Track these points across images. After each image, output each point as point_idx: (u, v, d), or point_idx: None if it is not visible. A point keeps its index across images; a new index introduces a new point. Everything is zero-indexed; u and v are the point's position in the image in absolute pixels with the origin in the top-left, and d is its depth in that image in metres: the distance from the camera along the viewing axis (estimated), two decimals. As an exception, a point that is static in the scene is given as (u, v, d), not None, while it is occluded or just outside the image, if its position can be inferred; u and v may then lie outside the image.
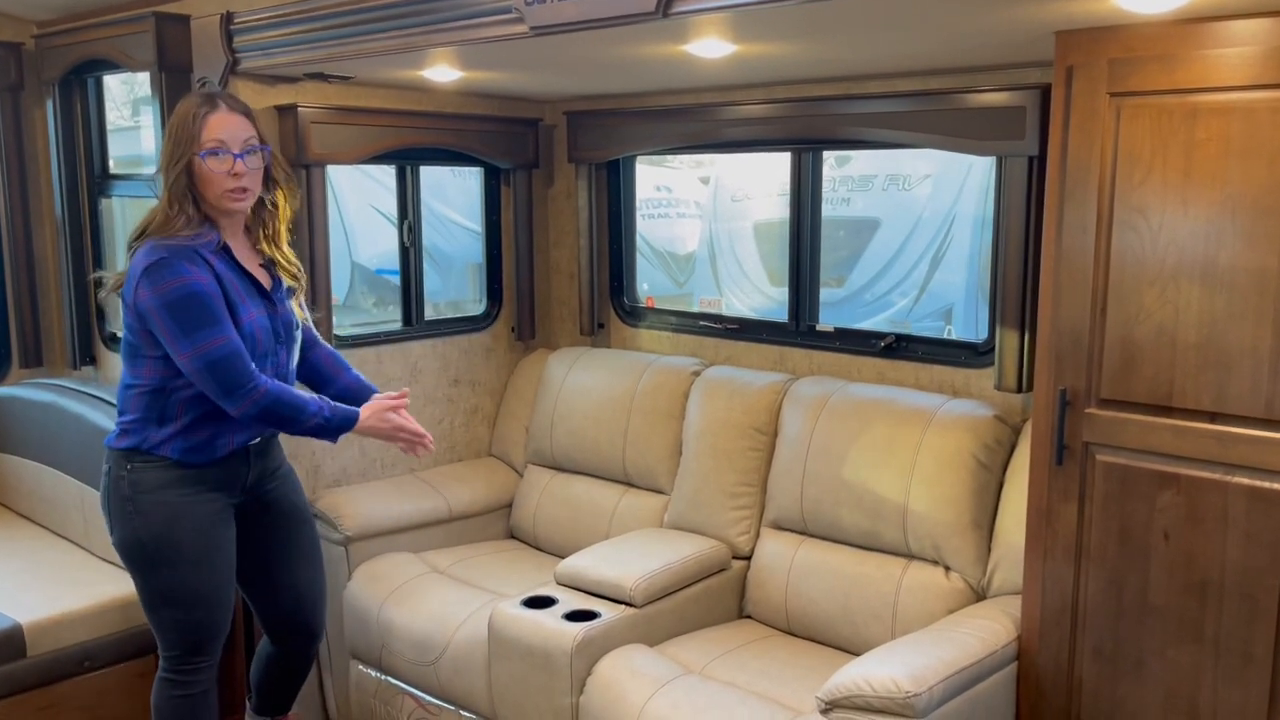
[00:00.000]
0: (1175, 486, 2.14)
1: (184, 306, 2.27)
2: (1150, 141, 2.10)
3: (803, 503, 2.94)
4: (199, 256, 2.34)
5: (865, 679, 2.16)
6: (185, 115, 2.36)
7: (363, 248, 5.91)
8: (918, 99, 2.84)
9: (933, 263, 5.69)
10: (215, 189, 2.36)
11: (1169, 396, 2.14)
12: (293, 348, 2.56)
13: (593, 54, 2.70)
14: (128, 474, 2.42)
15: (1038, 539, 2.36)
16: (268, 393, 2.34)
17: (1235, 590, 2.09)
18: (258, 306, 2.45)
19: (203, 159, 2.33)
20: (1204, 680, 2.16)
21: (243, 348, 2.32)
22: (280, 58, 2.89)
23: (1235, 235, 2.02)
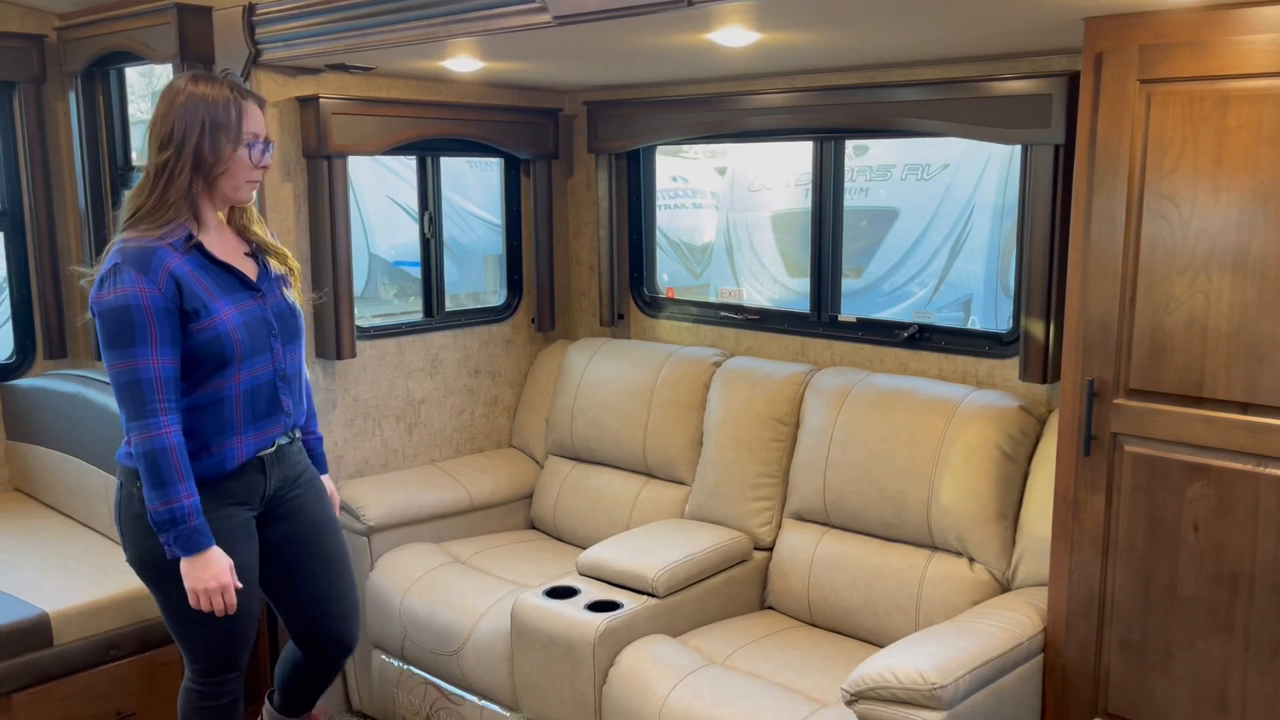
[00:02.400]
0: (1205, 478, 2.12)
1: (115, 319, 2.12)
2: (1181, 129, 2.08)
3: (825, 494, 2.93)
4: (161, 258, 2.17)
5: (891, 670, 2.15)
6: (219, 103, 2.21)
7: (381, 240, 5.93)
8: (942, 87, 2.82)
9: (952, 252, 5.65)
10: (238, 179, 2.27)
11: (1199, 387, 2.12)
12: (293, 340, 2.41)
13: (615, 44, 2.68)
14: (139, 491, 2.25)
15: (1065, 530, 2.34)
16: (162, 439, 2.14)
17: (1266, 582, 2.07)
18: (241, 299, 2.29)
19: (250, 150, 2.24)
20: (1234, 672, 2.14)
21: (163, 377, 2.14)
22: (302, 49, 2.89)
23: (1267, 223, 2.00)
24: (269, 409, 2.35)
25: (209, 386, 2.25)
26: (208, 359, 2.22)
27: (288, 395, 2.40)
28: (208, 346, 2.21)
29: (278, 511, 2.46)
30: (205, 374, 2.24)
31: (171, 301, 2.16)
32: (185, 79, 2.26)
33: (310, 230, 3.24)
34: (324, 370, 3.35)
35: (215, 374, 2.25)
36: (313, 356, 3.31)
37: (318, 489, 2.57)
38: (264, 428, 2.35)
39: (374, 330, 3.53)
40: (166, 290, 2.15)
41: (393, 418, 3.56)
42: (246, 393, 2.29)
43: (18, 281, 3.89)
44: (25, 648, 2.89)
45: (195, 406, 2.25)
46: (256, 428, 2.33)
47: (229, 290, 2.28)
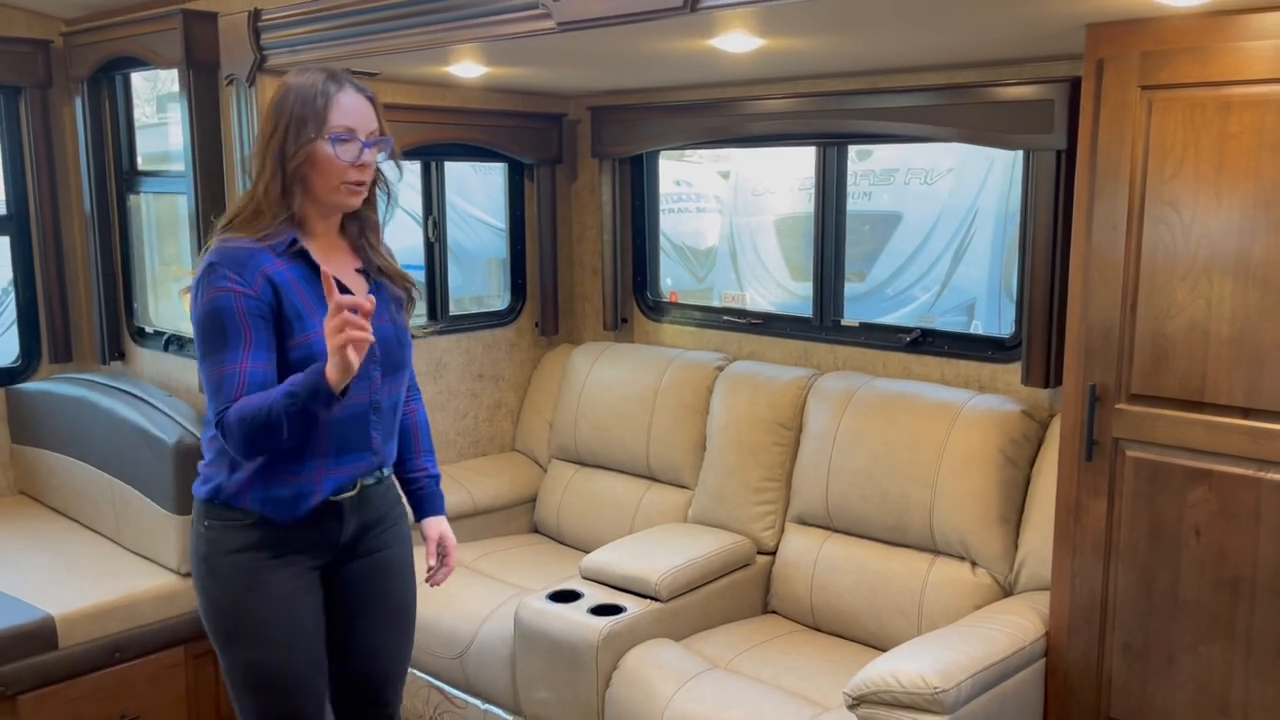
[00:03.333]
0: (1207, 483, 2.13)
1: (206, 324, 1.92)
2: (1182, 135, 2.09)
3: (828, 498, 2.94)
4: (259, 261, 1.94)
5: (893, 674, 2.16)
6: (306, 92, 1.96)
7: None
8: (944, 93, 2.83)
9: (955, 257, 5.66)
10: (331, 180, 1.97)
11: (1201, 392, 2.12)
12: (395, 371, 2.08)
13: (619, 49, 2.70)
14: (205, 530, 2.04)
15: (1067, 535, 2.34)
16: (230, 417, 1.88)
17: (1268, 587, 2.08)
18: None
19: (332, 144, 1.95)
20: (1235, 676, 2.14)
21: (249, 380, 1.89)
22: (307, 54, 2.90)
23: (1269, 229, 2.01)
24: (357, 443, 2.04)
25: None
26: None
27: (379, 430, 2.07)
28: (298, 367, 1.91)
29: (350, 554, 2.14)
30: None
31: (268, 306, 1.92)
32: (290, 75, 2.04)
33: (315, 235, 3.24)
34: (328, 374, 3.36)
35: None
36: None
37: (401, 535, 2.23)
38: (347, 463, 2.04)
39: (378, 334, 3.53)
40: (263, 293, 1.92)
41: (396, 421, 3.56)
42: (337, 422, 1.98)
43: (23, 285, 3.91)
44: (30, 650, 2.90)
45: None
46: (339, 462, 2.03)
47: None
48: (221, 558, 2.03)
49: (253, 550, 2.02)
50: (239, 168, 3.21)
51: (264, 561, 2.02)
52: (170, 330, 3.75)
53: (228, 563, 2.03)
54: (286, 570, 2.04)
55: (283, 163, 1.96)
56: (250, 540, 2.02)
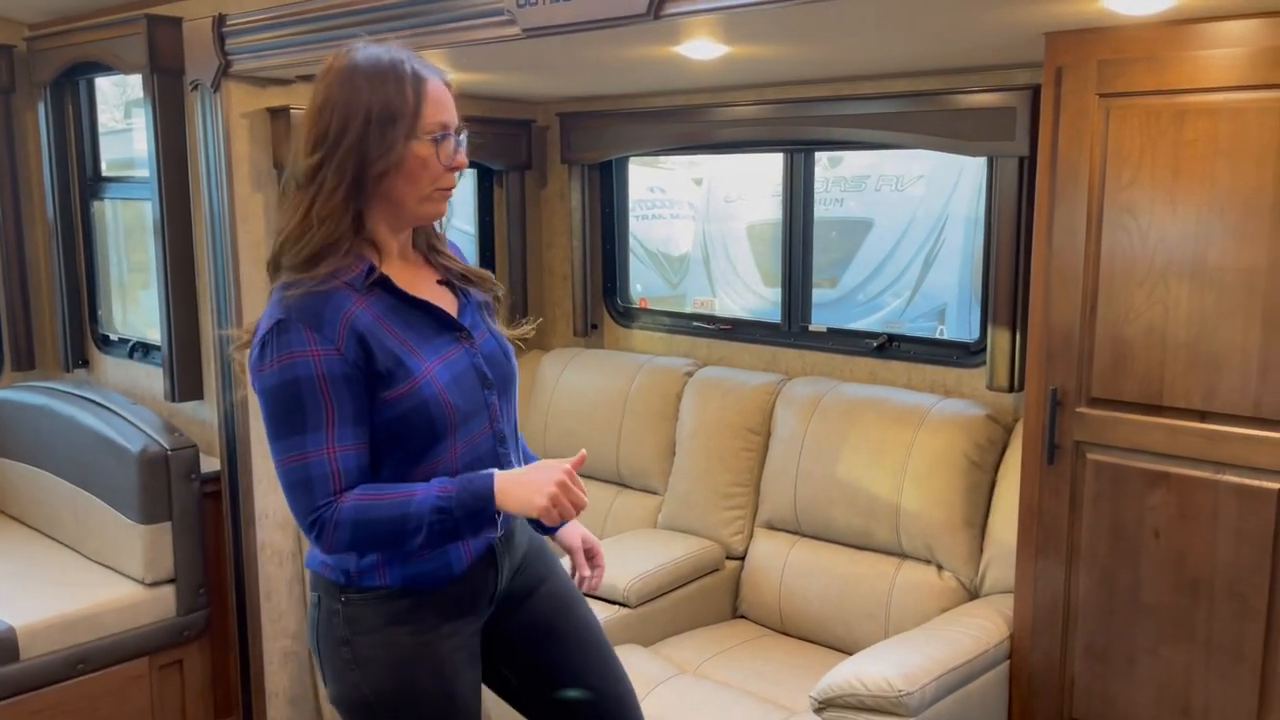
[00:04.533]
0: (1166, 485, 2.15)
1: (281, 398, 1.58)
2: (1139, 142, 2.12)
3: (796, 502, 2.95)
4: (338, 305, 1.60)
5: (858, 678, 2.17)
6: (388, 82, 1.62)
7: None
8: (909, 100, 2.85)
9: (926, 263, 5.70)
10: (423, 187, 1.65)
11: (1159, 395, 2.15)
12: (507, 389, 1.79)
13: (585, 56, 2.70)
14: (342, 609, 1.70)
15: (1029, 538, 2.36)
16: (343, 514, 1.58)
17: (1225, 588, 2.10)
18: (445, 347, 1.70)
19: (434, 144, 1.63)
20: (1195, 678, 2.17)
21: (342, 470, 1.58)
22: (273, 60, 2.89)
23: (1224, 234, 2.04)
24: None
25: (420, 469, 1.66)
26: (412, 433, 1.64)
27: (508, 461, 1.77)
28: (411, 419, 1.63)
29: (513, 599, 1.85)
30: (411, 453, 1.66)
31: (354, 366, 1.59)
32: (345, 55, 1.66)
33: (281, 241, 3.23)
34: (295, 381, 3.34)
35: (425, 452, 1.66)
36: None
37: (546, 557, 1.94)
38: None
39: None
40: (348, 350, 1.58)
41: (365, 429, 3.54)
42: (466, 468, 1.68)
43: (-14, 292, 3.87)
44: (-9, 662, 2.86)
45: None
46: None
47: (428, 337, 1.68)
48: (366, 637, 1.69)
49: (404, 623, 1.69)
50: (204, 174, 3.18)
51: (418, 636, 1.70)
52: (135, 337, 3.72)
53: (374, 641, 1.69)
54: (449, 642, 1.72)
55: (361, 173, 1.60)
56: (398, 611, 1.69)
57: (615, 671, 1.95)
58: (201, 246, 3.31)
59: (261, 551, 3.31)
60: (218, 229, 3.16)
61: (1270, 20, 1.93)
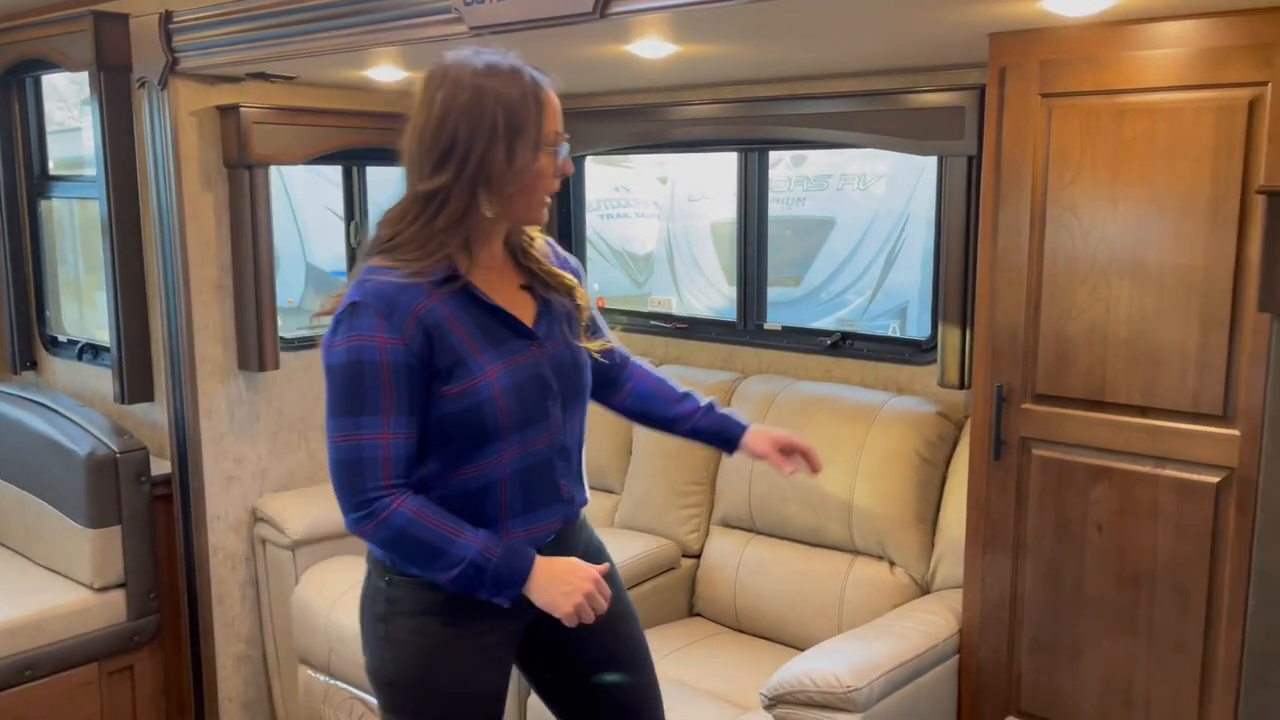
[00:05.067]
0: (1108, 480, 2.18)
1: (344, 376, 1.61)
2: (1080, 141, 2.14)
3: (751, 500, 2.96)
4: (411, 298, 1.62)
5: (808, 674, 2.18)
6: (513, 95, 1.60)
7: (319, 250, 5.87)
8: (861, 99, 2.87)
9: (887, 262, 5.75)
10: (538, 195, 1.67)
11: (1101, 391, 2.17)
12: (575, 402, 1.79)
13: (534, 54, 2.68)
14: (385, 588, 1.75)
15: (977, 533, 2.39)
16: (396, 515, 1.60)
17: (1166, 580, 2.13)
18: (513, 351, 1.70)
19: (558, 155, 1.66)
20: (1138, 669, 2.20)
21: (392, 456, 1.61)
22: (220, 57, 2.86)
23: (1162, 233, 2.06)
24: (545, 496, 1.75)
25: (467, 470, 1.68)
26: (463, 432, 1.66)
27: (567, 477, 1.79)
28: (463, 418, 1.64)
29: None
30: (459, 453, 1.67)
31: (417, 358, 1.61)
32: (463, 64, 1.63)
33: (232, 241, 3.20)
34: (247, 383, 3.31)
35: (473, 453, 1.67)
36: (235, 369, 3.26)
37: (611, 572, 1.89)
38: (537, 521, 1.75)
39: (299, 341, 3.49)
40: (413, 342, 1.61)
41: (318, 430, 3.51)
42: (516, 475, 1.70)
43: (-70, 294, 3.80)
44: (-66, 670, 2.82)
45: (447, 497, 1.67)
46: (527, 522, 1.73)
47: (497, 341, 1.69)
48: (402, 619, 1.73)
49: (439, 613, 1.71)
50: (152, 173, 3.15)
51: (450, 628, 1.72)
52: (84, 338, 3.66)
53: (408, 626, 1.73)
54: (474, 639, 1.74)
55: (487, 187, 1.60)
56: (435, 601, 1.70)
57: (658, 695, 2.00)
58: (151, 246, 3.27)
59: (214, 555, 3.28)
60: (167, 228, 3.13)
61: (1206, 21, 1.96)
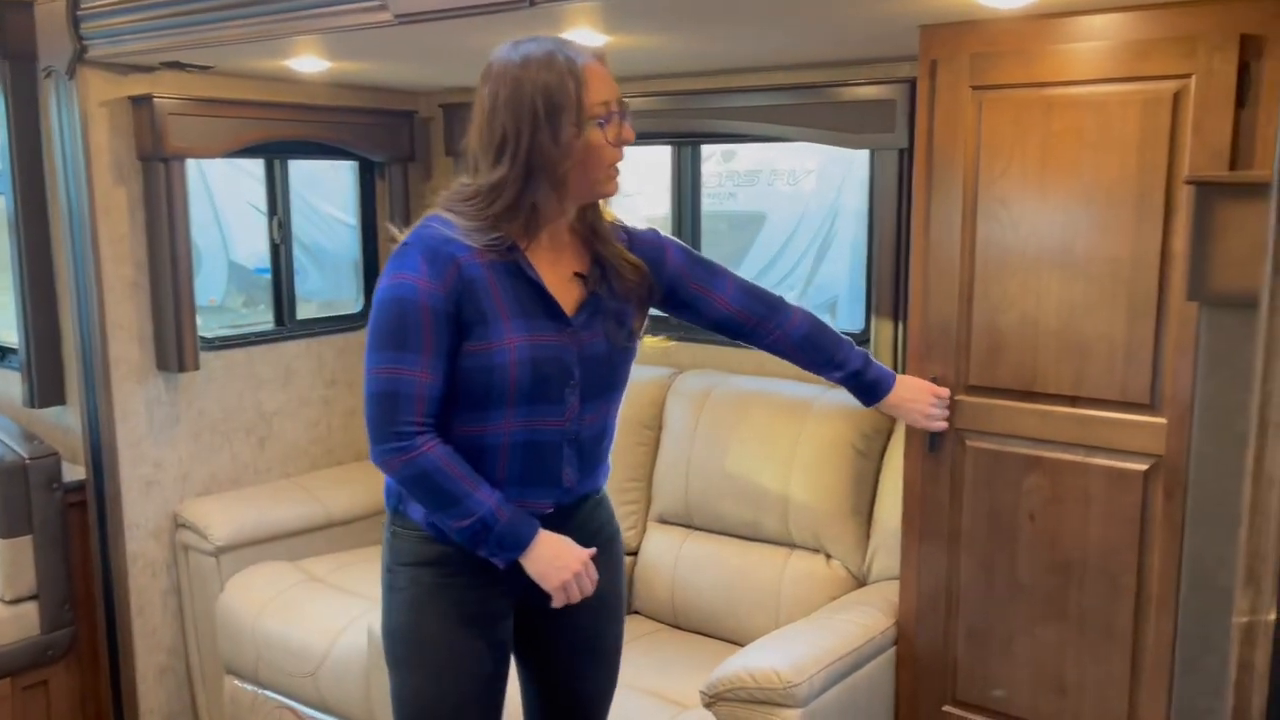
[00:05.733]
0: (1040, 469, 2.20)
1: (388, 312, 1.66)
2: (1010, 134, 2.15)
3: (688, 495, 2.94)
4: (455, 250, 1.67)
5: (747, 671, 2.16)
6: (549, 75, 1.63)
7: (242, 247, 5.71)
8: (794, 92, 2.86)
9: (818, 256, 5.79)
10: (598, 170, 1.69)
11: (1032, 382, 2.19)
12: (600, 396, 1.80)
13: (462, 43, 2.63)
14: (391, 539, 1.83)
15: (913, 524, 2.40)
16: (425, 457, 1.65)
17: (1096, 568, 2.16)
18: (541, 329, 1.71)
19: (601, 128, 1.66)
20: (1069, 656, 2.22)
21: (427, 396, 1.65)
22: (131, 45, 2.75)
23: (1090, 225, 2.09)
24: (543, 476, 1.77)
25: (468, 429, 1.71)
26: (473, 391, 1.69)
27: (574, 464, 1.80)
28: (473, 376, 1.68)
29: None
30: (464, 410, 1.71)
31: (455, 304, 1.66)
32: (503, 60, 1.68)
33: (147, 238, 3.08)
34: (166, 384, 3.19)
35: (479, 413, 1.70)
36: (153, 370, 3.15)
37: (613, 559, 1.94)
38: (530, 497, 1.77)
39: (220, 341, 3.38)
40: (452, 290, 1.65)
41: (242, 431, 3.41)
42: (519, 447, 1.73)
43: None
44: None
45: (461, 441, 1.72)
46: (520, 494, 1.75)
47: (528, 314, 1.71)
48: (402, 568, 1.81)
49: (431, 566, 1.78)
50: (60, 167, 3.01)
51: (444, 579, 1.77)
52: (-8, 340, 3.50)
53: (405, 575, 1.80)
54: (470, 594, 1.78)
55: (538, 170, 1.64)
56: (429, 554, 1.78)
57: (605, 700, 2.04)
58: (60, 243, 3.13)
59: (133, 563, 3.16)
60: (77, 224, 3.00)
61: (1132, 14, 1.98)
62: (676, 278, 1.93)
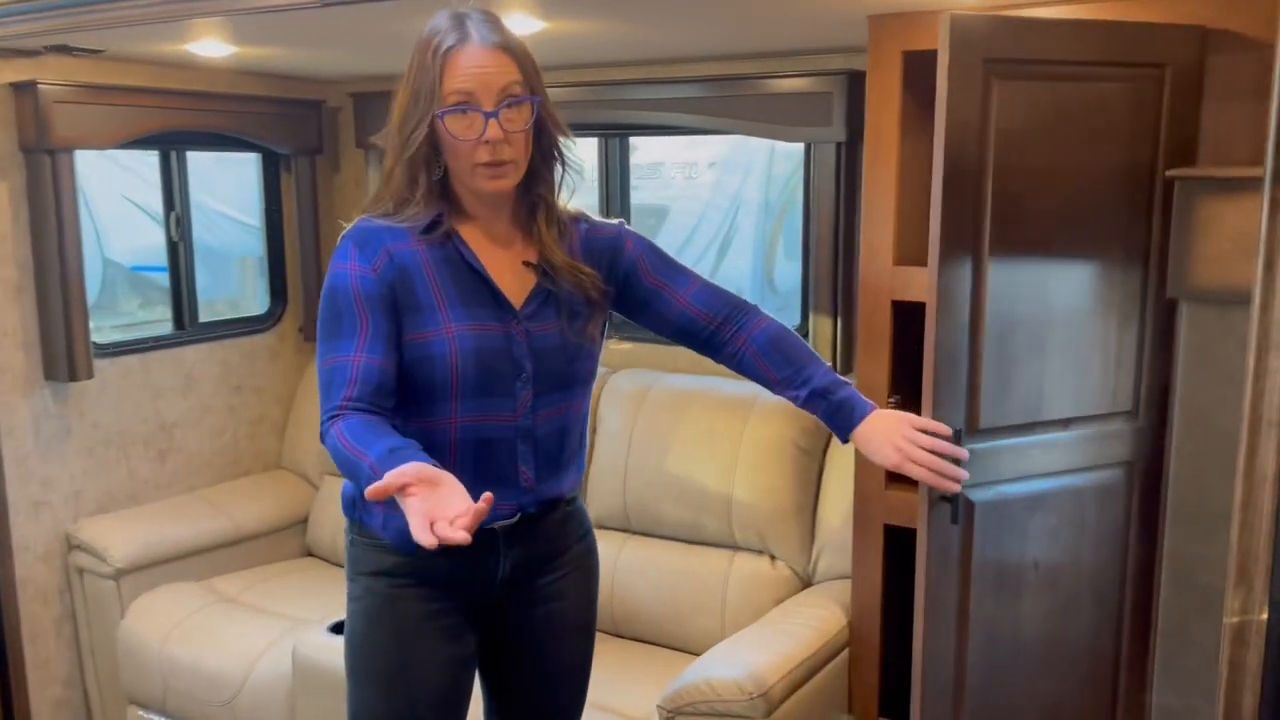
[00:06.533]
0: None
1: (325, 303, 1.61)
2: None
3: (626, 498, 2.85)
4: (384, 238, 1.60)
5: (708, 683, 2.09)
6: (424, 51, 1.57)
7: (115, 244, 5.39)
8: (727, 84, 2.79)
9: (720, 250, 5.78)
10: (462, 161, 1.58)
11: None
12: (556, 391, 1.67)
13: (380, 29, 2.49)
14: (350, 547, 1.74)
15: (866, 522, 2.36)
16: (332, 437, 1.52)
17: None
18: (483, 319, 1.62)
19: (440, 119, 1.55)
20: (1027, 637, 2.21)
21: (362, 374, 1.53)
22: (12, 27, 2.49)
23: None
24: (498, 476, 1.64)
25: (419, 422, 1.61)
26: (415, 385, 1.60)
27: (530, 462, 1.66)
28: (415, 368, 1.59)
29: (517, 596, 1.74)
30: (410, 403, 1.61)
31: (389, 288, 1.58)
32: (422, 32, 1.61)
33: (32, 235, 2.83)
34: (54, 394, 2.94)
35: (424, 408, 1.61)
36: (40, 379, 2.89)
37: (585, 574, 1.82)
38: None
39: (114, 346, 3.13)
40: (384, 273, 1.58)
41: (140, 444, 3.18)
42: (468, 444, 1.63)
43: None
44: None
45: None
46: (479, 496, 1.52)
47: (469, 302, 1.62)
48: (358, 578, 1.71)
49: (387, 576, 1.68)
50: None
51: (400, 589, 1.67)
52: None
53: (361, 585, 1.71)
54: (427, 607, 1.68)
55: (416, 153, 1.58)
56: (385, 564, 1.67)
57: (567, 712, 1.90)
58: (-69, 243, 2.85)
59: (23, 589, 2.91)
60: (-49, 222, 2.73)
61: (1082, 7, 1.97)
62: (633, 270, 1.77)
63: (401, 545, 1.63)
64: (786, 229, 5.32)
